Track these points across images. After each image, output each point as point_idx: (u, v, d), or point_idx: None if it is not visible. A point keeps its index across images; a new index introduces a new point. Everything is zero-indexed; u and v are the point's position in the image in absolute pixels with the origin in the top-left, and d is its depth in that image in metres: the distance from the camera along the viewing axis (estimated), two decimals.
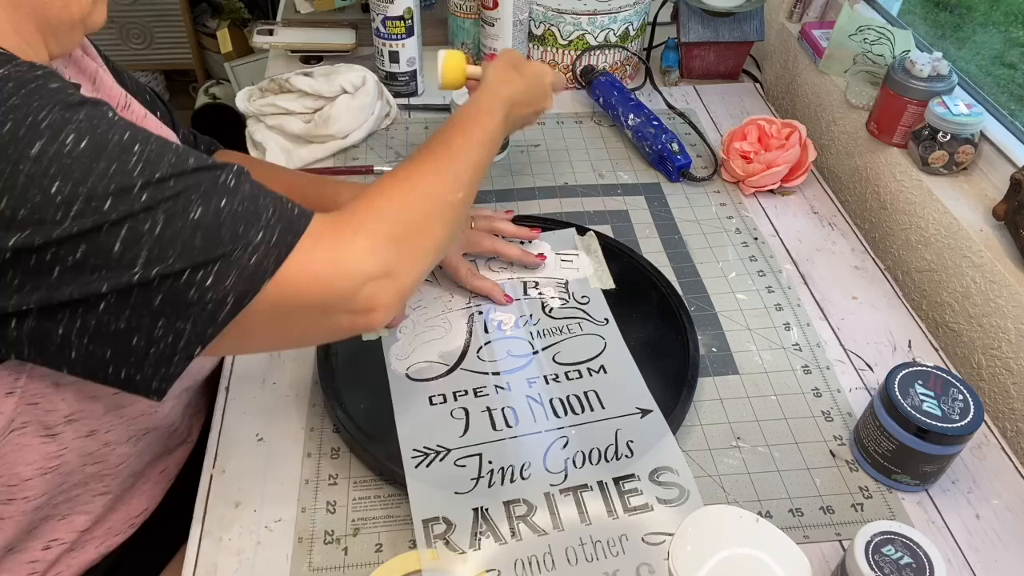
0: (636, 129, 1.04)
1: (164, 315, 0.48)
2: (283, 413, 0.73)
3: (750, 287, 0.87)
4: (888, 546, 0.55)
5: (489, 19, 1.09)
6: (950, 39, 1.28)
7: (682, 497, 0.65)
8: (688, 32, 1.18)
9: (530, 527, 0.63)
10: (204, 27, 2.32)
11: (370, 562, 0.62)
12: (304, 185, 0.82)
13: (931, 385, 0.65)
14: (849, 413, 0.74)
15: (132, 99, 0.70)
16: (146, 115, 0.70)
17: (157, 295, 0.47)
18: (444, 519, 0.63)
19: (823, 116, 1.14)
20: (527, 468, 0.67)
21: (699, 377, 0.75)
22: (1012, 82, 1.17)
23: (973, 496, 0.68)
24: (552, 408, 0.71)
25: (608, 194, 1.00)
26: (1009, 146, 0.89)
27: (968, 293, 0.86)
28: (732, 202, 0.99)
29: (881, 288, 0.88)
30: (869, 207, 1.04)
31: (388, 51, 1.11)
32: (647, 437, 0.69)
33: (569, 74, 1.17)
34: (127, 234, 0.46)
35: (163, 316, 0.48)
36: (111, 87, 0.67)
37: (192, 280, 0.47)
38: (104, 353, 0.48)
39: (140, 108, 0.70)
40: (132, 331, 0.48)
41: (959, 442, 0.63)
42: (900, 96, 0.93)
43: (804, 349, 0.80)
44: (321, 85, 1.04)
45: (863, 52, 1.05)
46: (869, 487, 0.68)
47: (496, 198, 0.98)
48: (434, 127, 1.10)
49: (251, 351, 0.73)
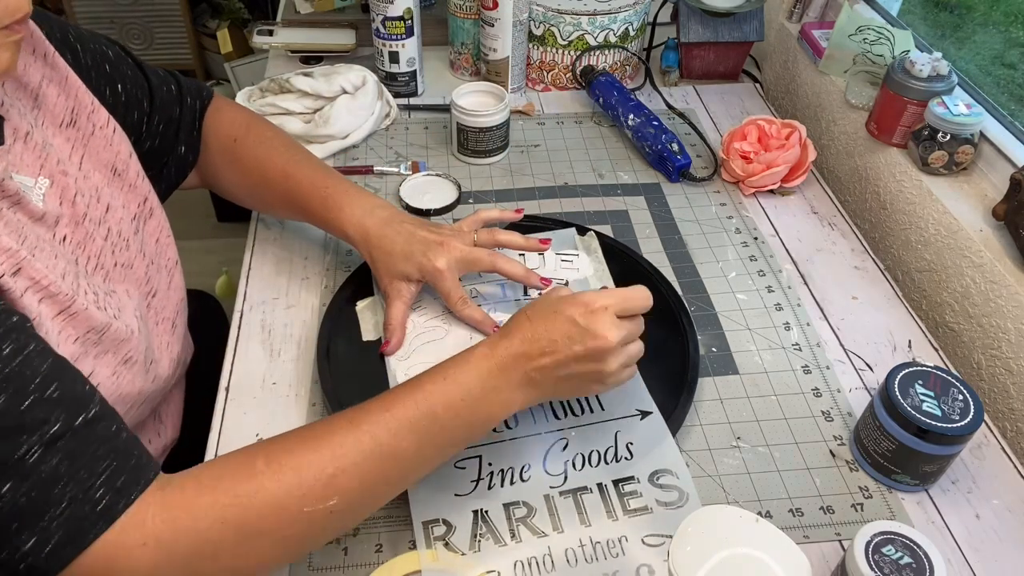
0: (636, 129, 1.04)
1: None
2: (283, 413, 0.73)
3: (750, 287, 0.87)
4: (888, 546, 0.55)
5: (489, 19, 1.09)
6: (950, 39, 1.28)
7: (681, 499, 0.65)
8: (688, 32, 1.18)
9: (530, 529, 0.63)
10: (204, 27, 2.32)
11: (370, 562, 0.62)
12: (305, 184, 0.78)
13: (931, 385, 0.65)
14: (849, 413, 0.74)
15: (97, 104, 0.66)
16: (109, 121, 0.67)
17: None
18: (444, 521, 0.63)
19: (823, 116, 1.14)
20: (527, 470, 0.67)
21: (699, 377, 0.75)
22: (1012, 82, 1.17)
23: (973, 496, 0.68)
24: (552, 410, 0.71)
25: (608, 194, 1.00)
26: (1009, 146, 0.89)
27: (968, 293, 0.86)
28: (732, 202, 0.99)
29: (881, 288, 0.88)
30: (869, 207, 1.04)
31: (388, 51, 1.11)
32: (647, 439, 0.69)
33: (569, 74, 1.17)
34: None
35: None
36: (63, 99, 0.63)
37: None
38: None
39: (104, 114, 0.67)
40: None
41: (959, 442, 0.63)
42: (900, 96, 0.93)
43: (804, 349, 0.80)
44: (321, 85, 1.04)
45: (863, 52, 1.05)
46: (869, 487, 0.68)
47: (496, 198, 0.98)
48: (434, 127, 1.10)
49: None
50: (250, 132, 0.82)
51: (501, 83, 1.13)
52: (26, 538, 0.44)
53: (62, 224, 0.60)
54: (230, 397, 0.74)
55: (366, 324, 0.79)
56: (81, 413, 0.48)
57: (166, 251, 0.74)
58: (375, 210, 0.77)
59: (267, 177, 0.80)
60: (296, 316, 0.82)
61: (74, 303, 0.57)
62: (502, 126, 1.02)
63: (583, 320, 0.59)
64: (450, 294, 0.75)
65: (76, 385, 0.50)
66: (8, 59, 0.52)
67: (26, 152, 0.59)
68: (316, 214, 0.79)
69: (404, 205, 0.96)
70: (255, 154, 0.81)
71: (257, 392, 0.74)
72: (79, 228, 0.62)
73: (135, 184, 0.70)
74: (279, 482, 0.50)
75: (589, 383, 0.62)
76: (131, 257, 0.68)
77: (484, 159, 1.03)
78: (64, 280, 0.57)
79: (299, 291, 0.85)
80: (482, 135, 1.01)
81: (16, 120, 0.59)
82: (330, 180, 0.80)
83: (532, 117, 1.14)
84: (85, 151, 0.66)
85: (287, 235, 0.92)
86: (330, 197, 0.78)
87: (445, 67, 1.24)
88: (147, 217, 0.71)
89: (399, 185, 0.98)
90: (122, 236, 0.67)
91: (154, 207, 0.73)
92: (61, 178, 0.61)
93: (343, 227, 0.77)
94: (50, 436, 0.46)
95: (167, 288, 0.73)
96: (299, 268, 0.87)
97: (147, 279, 0.70)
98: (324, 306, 0.82)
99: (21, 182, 0.57)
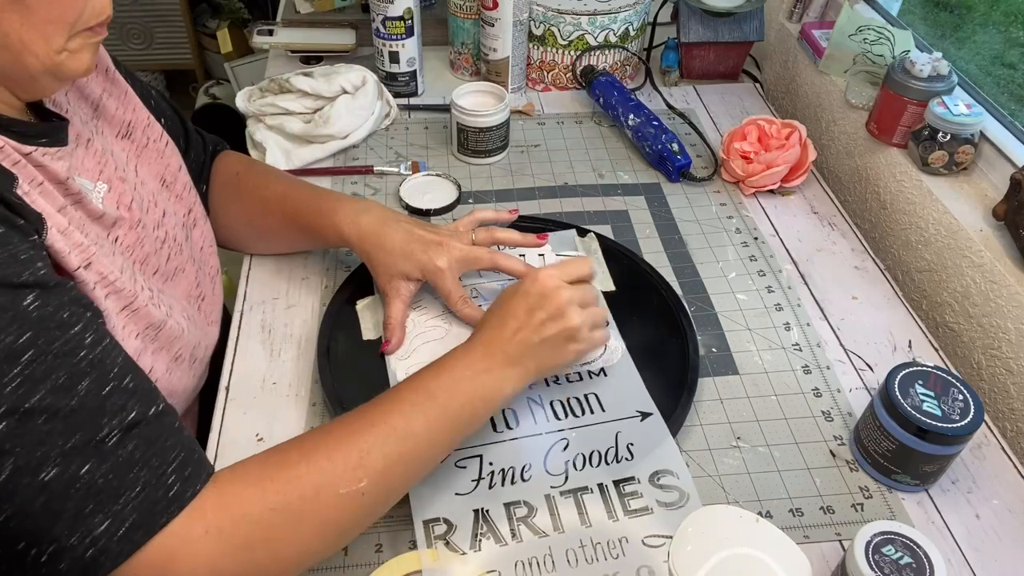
0: (636, 129, 1.04)
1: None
2: (283, 413, 0.73)
3: (750, 287, 0.87)
4: (888, 546, 0.55)
5: (489, 19, 1.09)
6: (950, 39, 1.28)
7: (681, 500, 0.65)
8: (688, 32, 1.18)
9: (530, 528, 0.63)
10: (204, 27, 2.32)
11: (370, 562, 0.62)
12: (301, 200, 0.80)
13: (931, 385, 0.65)
14: (849, 413, 0.74)
15: (153, 119, 0.70)
16: (163, 135, 0.71)
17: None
18: (445, 520, 0.63)
19: (823, 116, 1.14)
20: (527, 470, 0.67)
21: (699, 377, 0.75)
22: (1012, 82, 1.17)
23: (973, 496, 0.68)
24: (552, 410, 0.71)
25: (608, 194, 1.00)
26: (1009, 146, 0.89)
27: (968, 293, 0.86)
28: (732, 202, 0.99)
29: (881, 288, 0.88)
30: (869, 207, 1.04)
31: (388, 51, 1.11)
32: (647, 440, 0.69)
33: (569, 74, 1.17)
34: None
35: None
36: (121, 112, 0.67)
37: (26, 553, 0.44)
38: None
39: (158, 128, 0.70)
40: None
41: (959, 442, 0.63)
42: (900, 96, 0.93)
43: (804, 349, 0.80)
44: (321, 85, 1.04)
45: (863, 52, 1.05)
46: (869, 487, 0.68)
47: (496, 198, 0.98)
48: (434, 127, 1.10)
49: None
50: (252, 166, 0.86)
51: (501, 83, 1.13)
52: (100, 520, 0.45)
53: (118, 227, 0.63)
54: (230, 397, 0.74)
55: (366, 324, 0.79)
56: (152, 405, 0.51)
57: (210, 259, 0.78)
58: (370, 208, 0.78)
59: (266, 201, 0.82)
60: (296, 316, 0.82)
61: (136, 299, 0.59)
62: (502, 126, 1.02)
63: (535, 290, 0.66)
64: (451, 293, 0.76)
65: (146, 380, 0.53)
66: (89, 59, 0.56)
67: (87, 157, 0.62)
68: (311, 224, 0.79)
69: (404, 205, 0.96)
70: (255, 182, 0.83)
71: (257, 392, 0.74)
72: (132, 232, 0.64)
73: (182, 195, 0.75)
74: (314, 468, 0.54)
75: (565, 343, 0.67)
76: (184, 261, 0.71)
77: (484, 159, 1.03)
78: (124, 275, 0.59)
79: (299, 291, 0.85)
80: (482, 135, 1.01)
81: (79, 126, 0.62)
82: (323, 195, 0.81)
83: (532, 117, 1.14)
84: (139, 161, 0.70)
85: None
86: (323, 204, 0.79)
87: (445, 67, 1.24)
88: (193, 226, 0.75)
89: (399, 185, 0.98)
90: (176, 241, 0.71)
91: (198, 217, 0.77)
92: (119, 184, 0.64)
93: (339, 228, 0.77)
94: (128, 422, 0.48)
95: (212, 293, 0.76)
96: (299, 268, 0.87)
97: (197, 283, 0.73)
98: (324, 306, 0.82)
99: (82, 184, 0.59)
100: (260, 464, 0.55)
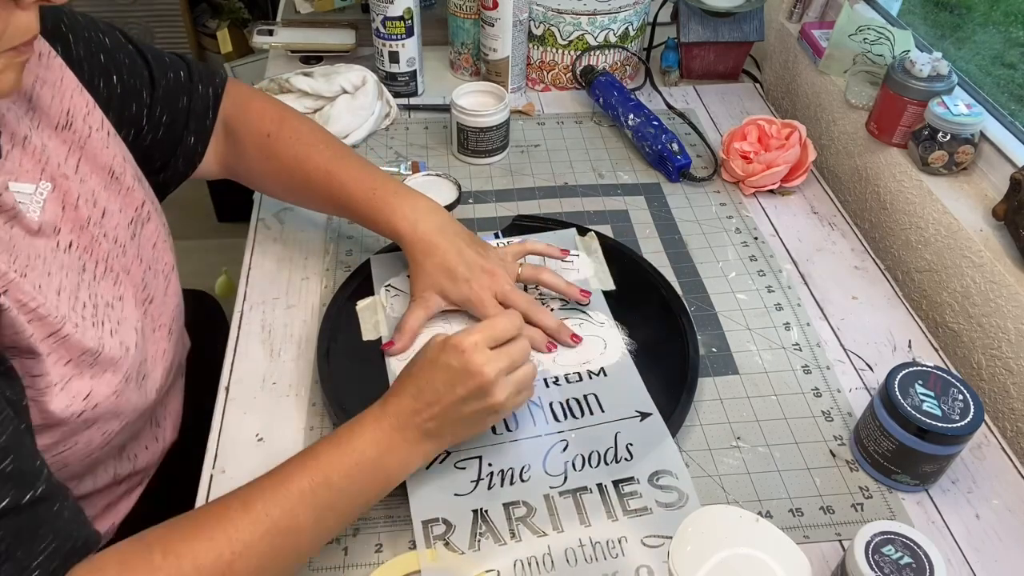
0: (636, 129, 1.04)
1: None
2: (283, 413, 0.73)
3: (750, 287, 0.87)
4: (888, 546, 0.55)
5: (489, 19, 1.09)
6: (950, 39, 1.28)
7: (681, 500, 0.65)
8: (688, 32, 1.18)
9: (530, 528, 0.63)
10: (204, 27, 2.32)
11: (370, 562, 0.62)
12: (350, 182, 0.77)
13: (931, 385, 0.65)
14: (849, 413, 0.74)
15: (93, 106, 0.65)
16: (104, 123, 0.65)
17: None
18: (444, 520, 0.63)
19: (823, 116, 1.14)
20: (527, 471, 0.67)
21: (699, 377, 0.75)
22: (1012, 82, 1.17)
23: (973, 496, 0.68)
24: (552, 411, 0.71)
25: (608, 194, 1.00)
26: (1009, 146, 0.89)
27: (968, 293, 0.86)
28: (732, 202, 0.99)
29: (881, 288, 0.88)
30: (869, 207, 1.04)
31: (388, 51, 1.11)
32: (646, 440, 0.69)
33: (569, 74, 1.17)
34: None
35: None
36: (57, 101, 0.62)
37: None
38: None
39: (99, 115, 0.65)
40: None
41: (959, 442, 0.63)
42: (900, 96, 0.93)
43: (804, 349, 0.80)
44: (321, 85, 1.04)
45: (863, 52, 1.05)
46: (869, 487, 0.68)
47: (496, 198, 0.98)
48: (434, 127, 1.10)
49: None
50: (284, 126, 0.80)
51: (501, 83, 1.13)
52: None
53: (65, 231, 0.60)
54: (230, 397, 0.74)
55: (366, 324, 0.79)
56: (29, 491, 0.47)
57: (163, 256, 0.73)
58: (429, 215, 0.77)
59: (308, 176, 0.79)
60: (296, 316, 0.82)
61: (64, 324, 0.56)
62: (502, 126, 1.02)
63: (457, 362, 0.60)
64: (486, 308, 0.75)
65: (30, 460, 0.49)
66: (14, 79, 0.52)
67: (25, 157, 0.58)
68: (362, 213, 0.78)
69: None
70: (294, 152, 0.79)
71: (257, 392, 0.74)
72: (84, 232, 0.61)
73: (132, 188, 0.69)
74: (175, 572, 0.50)
75: (485, 417, 0.62)
76: (128, 263, 0.67)
77: (484, 159, 1.03)
78: (59, 297, 0.56)
79: (299, 291, 0.85)
80: (482, 135, 1.01)
81: (13, 125, 0.58)
82: (376, 179, 0.79)
83: (532, 117, 1.14)
84: (82, 154, 0.64)
85: (287, 235, 0.92)
86: (378, 197, 0.77)
87: (445, 67, 1.24)
88: (144, 221, 0.70)
89: None
90: (118, 242, 0.66)
91: (151, 211, 0.71)
92: (63, 182, 0.60)
93: (395, 228, 0.76)
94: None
95: (163, 294, 0.72)
96: (299, 268, 0.87)
97: (144, 285, 0.69)
98: (324, 306, 0.82)
99: (20, 191, 0.56)
100: (120, 562, 0.50)
